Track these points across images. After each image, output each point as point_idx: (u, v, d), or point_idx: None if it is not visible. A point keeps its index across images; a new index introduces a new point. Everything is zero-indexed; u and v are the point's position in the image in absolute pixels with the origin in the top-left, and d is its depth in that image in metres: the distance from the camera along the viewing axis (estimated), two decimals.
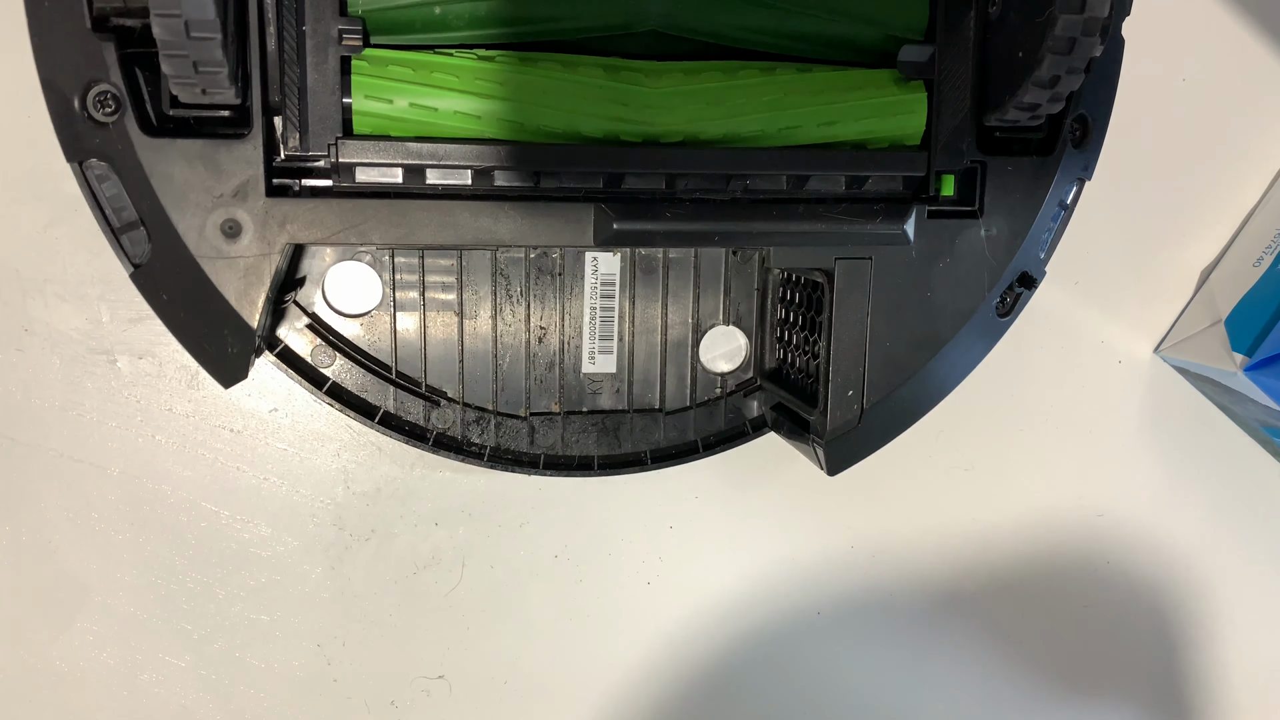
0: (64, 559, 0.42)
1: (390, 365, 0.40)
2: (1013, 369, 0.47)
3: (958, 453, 0.48)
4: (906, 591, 0.48)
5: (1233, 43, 0.48)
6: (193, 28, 0.27)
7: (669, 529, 0.46)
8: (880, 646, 0.48)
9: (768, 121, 0.35)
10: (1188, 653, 0.50)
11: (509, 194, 0.35)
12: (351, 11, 0.33)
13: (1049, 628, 0.49)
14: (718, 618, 0.47)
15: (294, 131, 0.33)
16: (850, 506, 0.47)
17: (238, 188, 0.32)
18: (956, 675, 0.49)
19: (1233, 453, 0.50)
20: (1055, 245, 0.39)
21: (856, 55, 0.37)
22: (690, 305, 0.42)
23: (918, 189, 0.38)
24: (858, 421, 0.37)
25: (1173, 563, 0.50)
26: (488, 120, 0.33)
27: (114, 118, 0.31)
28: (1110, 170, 0.45)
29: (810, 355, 0.39)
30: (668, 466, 0.42)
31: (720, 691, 0.47)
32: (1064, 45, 0.32)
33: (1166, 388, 0.49)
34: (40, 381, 0.41)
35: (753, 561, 0.47)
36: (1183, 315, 0.48)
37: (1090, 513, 0.49)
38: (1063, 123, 0.37)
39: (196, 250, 0.32)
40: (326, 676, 0.44)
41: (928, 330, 0.37)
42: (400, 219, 0.33)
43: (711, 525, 0.46)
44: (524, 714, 0.46)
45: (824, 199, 0.37)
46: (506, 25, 0.34)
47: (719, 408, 0.43)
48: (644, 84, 0.35)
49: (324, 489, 0.43)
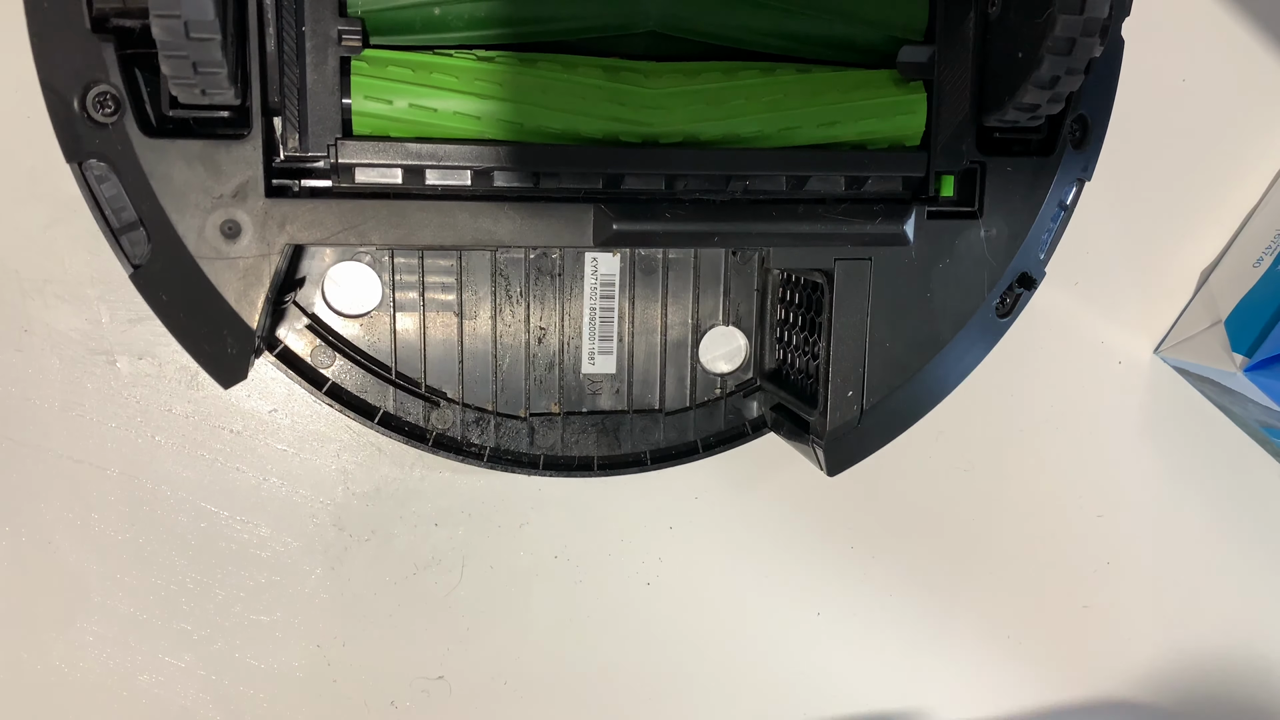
0: (64, 559, 0.42)
1: (390, 366, 0.40)
2: (1013, 369, 0.47)
3: (958, 453, 0.48)
4: (906, 591, 0.48)
5: (1233, 43, 0.48)
6: (192, 28, 0.27)
7: (669, 529, 0.46)
8: (880, 646, 0.48)
9: (767, 122, 0.35)
10: (1188, 653, 0.50)
11: (508, 194, 0.35)
12: (351, 12, 0.33)
13: (1049, 627, 0.49)
14: (718, 618, 0.47)
15: (293, 132, 0.33)
16: (850, 506, 0.47)
17: (237, 188, 0.32)
18: (956, 676, 0.49)
19: (1233, 453, 0.50)
20: (1055, 246, 0.39)
21: (856, 56, 0.37)
22: (690, 306, 0.42)
23: (917, 189, 0.38)
24: (857, 422, 0.37)
25: (1172, 563, 0.50)
26: (487, 121, 0.33)
27: (113, 118, 0.31)
28: (1110, 170, 0.45)
29: (810, 356, 0.39)
30: (668, 467, 0.42)
31: (720, 692, 0.47)
32: (1063, 46, 0.32)
33: (1166, 388, 0.49)
34: (40, 382, 0.41)
35: (753, 561, 0.47)
36: (1183, 316, 0.48)
37: (1090, 513, 0.49)
38: (1062, 123, 0.37)
39: (196, 251, 0.32)
40: (326, 677, 0.44)
41: (927, 331, 0.37)
42: (400, 219, 0.33)
43: (711, 525, 0.46)
44: (524, 714, 0.46)
45: (824, 199, 0.37)
46: (506, 26, 0.34)
47: (719, 408, 0.43)
48: (643, 84, 0.35)
49: (324, 489, 0.43)
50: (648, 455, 0.42)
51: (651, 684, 0.47)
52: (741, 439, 0.43)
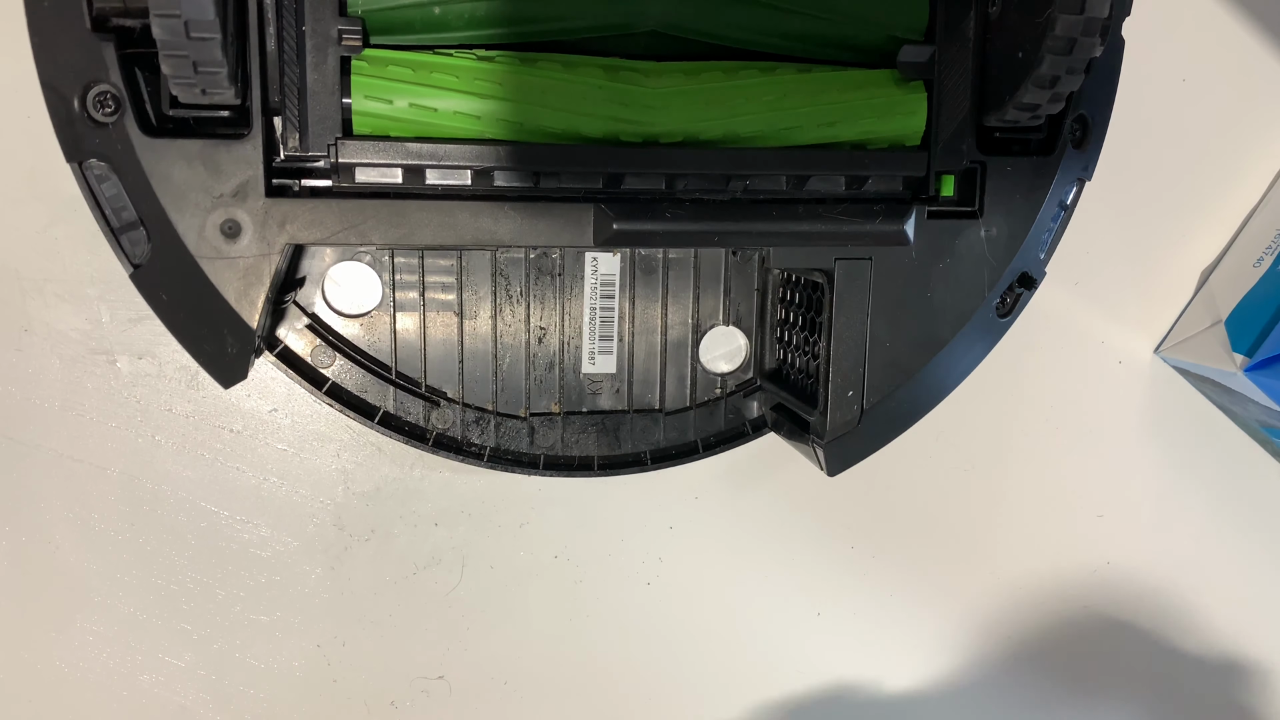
0: (64, 559, 0.42)
1: (390, 365, 0.40)
2: (1013, 369, 0.47)
3: (958, 453, 0.48)
4: (906, 591, 0.48)
5: (1233, 43, 0.48)
6: (192, 28, 0.27)
7: (669, 529, 0.46)
8: (880, 647, 0.48)
9: (768, 122, 0.35)
10: (1188, 653, 0.50)
11: (509, 194, 0.35)
12: (351, 12, 0.33)
13: (1049, 628, 0.49)
14: (718, 618, 0.47)
15: (294, 132, 0.33)
16: (850, 506, 0.47)
17: (237, 188, 0.32)
18: (957, 675, 0.49)
19: (1233, 453, 0.50)
20: (1055, 245, 0.39)
21: (856, 55, 0.37)
22: (690, 305, 0.42)
23: (918, 189, 0.38)
24: (857, 422, 0.37)
25: (1173, 563, 0.50)
26: (487, 120, 0.33)
27: (114, 118, 0.31)
28: (1110, 170, 0.45)
29: (810, 355, 0.39)
30: (668, 467, 0.42)
31: (720, 692, 0.47)
32: (1064, 45, 0.32)
33: (1166, 388, 0.49)
34: (40, 381, 0.41)
35: (753, 561, 0.47)
36: (1183, 315, 0.48)
37: (1090, 513, 0.49)
38: (1063, 123, 0.37)
39: (196, 250, 0.32)
40: (326, 676, 0.44)
41: (928, 330, 0.37)
42: (400, 219, 0.33)
43: (711, 525, 0.46)
44: (524, 714, 0.46)
45: (824, 199, 0.37)
46: (506, 25, 0.34)
47: (719, 408, 0.43)
48: (644, 84, 0.35)
49: (324, 489, 0.43)
50: (648, 455, 0.42)
51: (651, 684, 0.47)
52: (742, 439, 0.43)
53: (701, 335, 0.42)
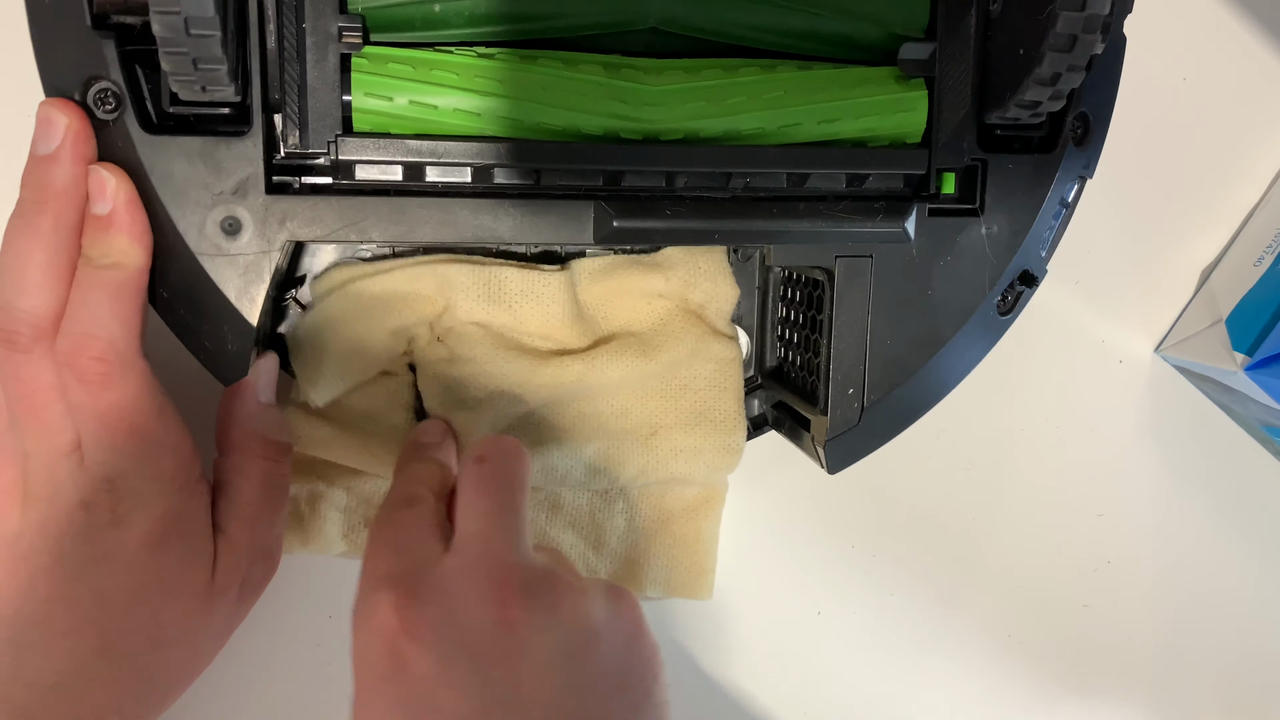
0: None
1: None
2: (1013, 368, 0.47)
3: (958, 453, 0.48)
4: (906, 591, 0.48)
5: (1233, 43, 0.48)
6: (192, 25, 0.27)
7: None
8: (880, 646, 0.48)
9: (768, 119, 0.35)
10: (1188, 653, 0.50)
11: (509, 191, 0.35)
12: (351, 9, 0.33)
13: (1049, 628, 0.49)
14: (717, 618, 0.47)
15: (294, 129, 0.33)
16: (850, 506, 0.47)
17: (237, 185, 0.32)
18: (957, 675, 0.49)
19: (1233, 453, 0.50)
20: (1057, 243, 0.39)
21: (857, 53, 0.37)
22: None
23: (918, 187, 0.38)
24: (858, 420, 0.37)
25: (1173, 563, 0.50)
26: (487, 118, 0.33)
27: (114, 115, 0.31)
28: (1111, 169, 0.45)
29: (811, 354, 0.39)
30: None
31: (720, 692, 0.47)
32: (1065, 42, 0.32)
33: (1167, 388, 0.49)
34: None
35: (753, 561, 0.46)
36: (1183, 315, 0.48)
37: (1090, 513, 0.49)
38: (1064, 120, 0.37)
39: (196, 247, 0.32)
40: (326, 676, 0.44)
41: (928, 329, 0.37)
42: (400, 216, 0.33)
43: None
44: None
45: (824, 197, 0.37)
46: (506, 23, 0.34)
47: None
48: (644, 81, 0.35)
49: None
50: None
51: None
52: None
53: None
